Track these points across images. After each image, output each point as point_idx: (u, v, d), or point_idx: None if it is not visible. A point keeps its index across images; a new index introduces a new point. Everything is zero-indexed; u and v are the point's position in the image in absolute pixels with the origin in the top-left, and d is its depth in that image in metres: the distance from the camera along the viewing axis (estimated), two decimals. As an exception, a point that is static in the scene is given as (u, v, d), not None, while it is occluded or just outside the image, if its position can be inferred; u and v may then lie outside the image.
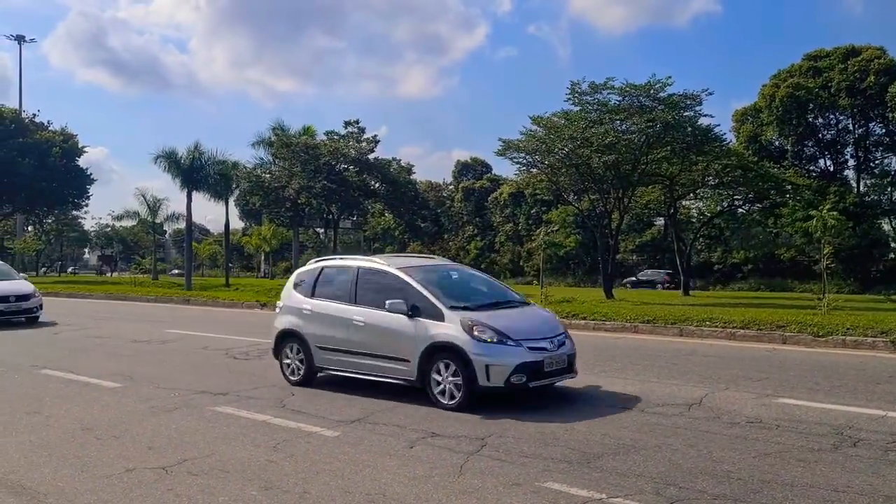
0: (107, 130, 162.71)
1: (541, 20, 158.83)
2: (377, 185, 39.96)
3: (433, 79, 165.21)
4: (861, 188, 47.51)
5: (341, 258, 9.45)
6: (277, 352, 8.63)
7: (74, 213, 66.03)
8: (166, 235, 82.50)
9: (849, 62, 44.78)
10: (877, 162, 47.59)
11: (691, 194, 38.73)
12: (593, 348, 11.09)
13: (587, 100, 28.45)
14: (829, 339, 11.35)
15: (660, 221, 52.75)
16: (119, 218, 53.11)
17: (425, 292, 7.37)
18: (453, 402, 6.93)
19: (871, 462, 5.09)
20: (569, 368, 7.44)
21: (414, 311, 7.28)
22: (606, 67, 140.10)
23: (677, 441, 5.68)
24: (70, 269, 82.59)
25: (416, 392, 7.41)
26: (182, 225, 44.28)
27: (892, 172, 46.99)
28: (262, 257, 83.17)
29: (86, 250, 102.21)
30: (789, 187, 36.80)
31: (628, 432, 5.99)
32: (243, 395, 7.81)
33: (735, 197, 38.67)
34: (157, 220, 46.53)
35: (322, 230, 72.43)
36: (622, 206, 31.13)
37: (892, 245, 46.31)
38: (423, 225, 48.05)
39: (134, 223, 59.68)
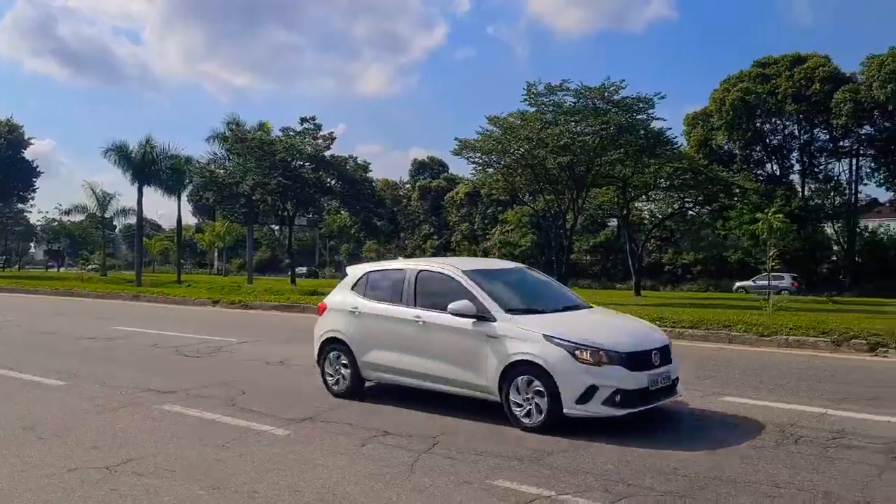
0: (55, 122, 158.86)
1: (499, 21, 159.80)
2: (333, 182, 39.61)
3: (392, 77, 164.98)
4: (806, 192, 48.93)
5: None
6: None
7: (20, 206, 64.20)
8: (116, 231, 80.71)
9: (795, 69, 46.09)
10: (821, 167, 49.10)
11: (643, 196, 39.44)
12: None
13: (543, 101, 28.75)
14: (773, 339, 11.63)
15: (613, 222, 53.57)
16: (67, 212, 51.80)
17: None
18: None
19: (811, 459, 5.23)
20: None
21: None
22: (564, 69, 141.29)
23: (627, 439, 5.76)
24: (16, 265, 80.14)
25: (369, 388, 7.37)
26: (133, 220, 43.39)
27: (835, 178, 48.50)
28: (216, 254, 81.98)
29: (32, 245, 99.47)
30: (737, 191, 37.73)
31: (576, 430, 6.06)
32: (192, 393, 7.69)
33: (685, 199, 39.49)
34: (107, 215, 45.50)
35: (277, 227, 71.69)
36: (576, 207, 31.52)
37: (835, 248, 47.77)
38: (379, 223, 47.83)
39: (82, 218, 58.27)
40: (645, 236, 44.98)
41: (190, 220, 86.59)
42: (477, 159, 32.16)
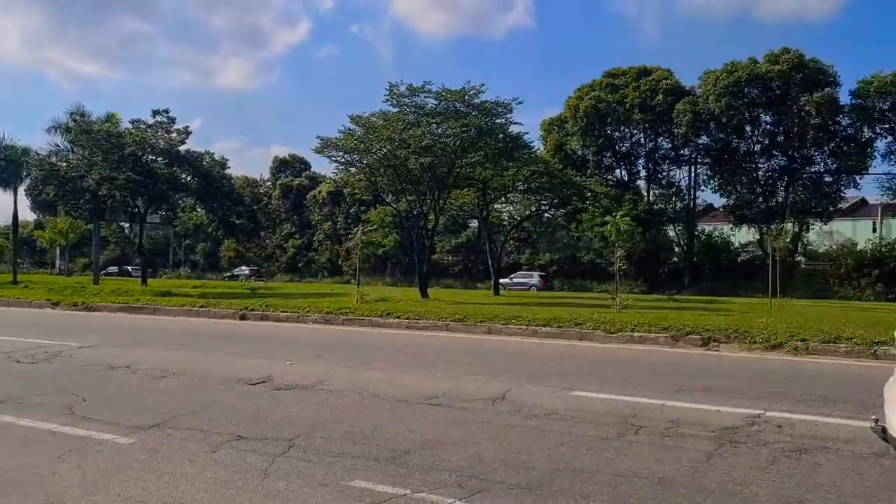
0: None
1: (364, 20, 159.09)
2: (189, 178, 38.00)
3: (253, 72, 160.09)
4: (651, 197, 52.05)
5: None
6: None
7: None
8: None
9: (641, 81, 48.92)
10: (664, 174, 52.41)
11: (503, 198, 40.58)
12: (407, 347, 11.29)
13: (405, 102, 28.91)
14: (619, 335, 12.33)
15: (474, 223, 54.73)
16: None
17: None
18: None
19: (649, 448, 5.58)
20: None
21: None
22: (428, 71, 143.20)
23: (481, 435, 5.91)
24: None
25: (223, 391, 7.13)
26: (-41, 215, 39.70)
27: (676, 184, 51.97)
28: (58, 252, 76.39)
29: None
30: (589, 194, 39.58)
31: (434, 428, 6.15)
32: (26, 401, 7.13)
33: (542, 202, 41.02)
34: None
35: (127, 224, 67.83)
36: (438, 208, 31.93)
37: (676, 250, 51.13)
38: (238, 222, 46.37)
39: None
40: (504, 237, 46.30)
41: (28, 216, 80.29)
42: (339, 158, 31.89)
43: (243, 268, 66.22)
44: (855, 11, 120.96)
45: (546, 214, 45.65)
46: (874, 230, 50.78)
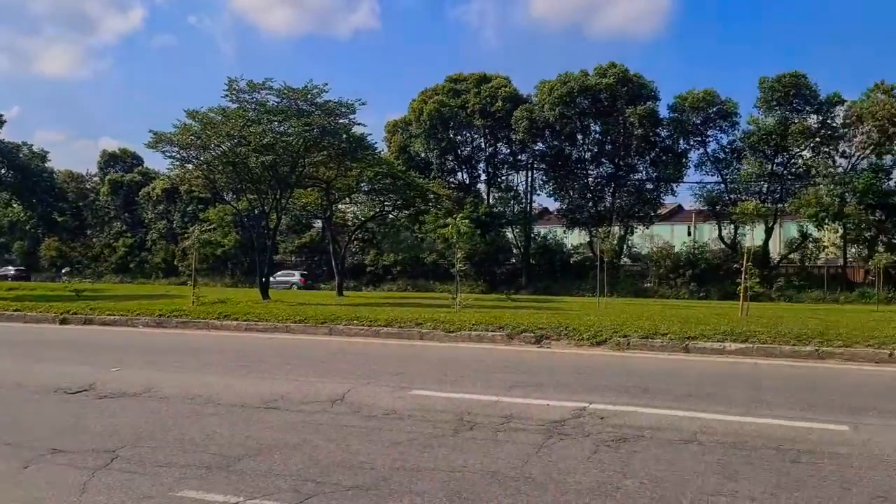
0: None
1: (201, 11, 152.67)
2: (3, 171, 34.79)
3: (80, 59, 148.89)
4: (490, 200, 53.73)
5: None
6: None
7: None
8: None
9: (482, 87, 50.45)
10: (503, 178, 54.29)
11: (347, 199, 40.38)
12: (245, 350, 10.97)
13: (245, 98, 28.09)
14: (458, 335, 12.65)
15: (318, 224, 54.05)
16: None
17: None
18: None
19: (483, 443, 5.77)
20: None
21: None
22: (272, 68, 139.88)
23: (318, 437, 5.86)
24: None
25: (38, 402, 6.60)
26: None
27: (514, 188, 53.99)
28: None
29: None
30: (432, 196, 40.24)
31: (271, 432, 6.03)
32: None
33: (386, 203, 41.23)
34: None
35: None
36: (280, 207, 31.24)
37: (514, 251, 53.10)
38: (60, 219, 42.89)
39: None
40: (348, 237, 46.08)
41: None
42: (174, 154, 30.36)
43: (9, 267, 61.30)
44: (673, 33, 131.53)
45: (390, 215, 45.93)
46: (689, 234, 55.34)
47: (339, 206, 42.99)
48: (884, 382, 8.99)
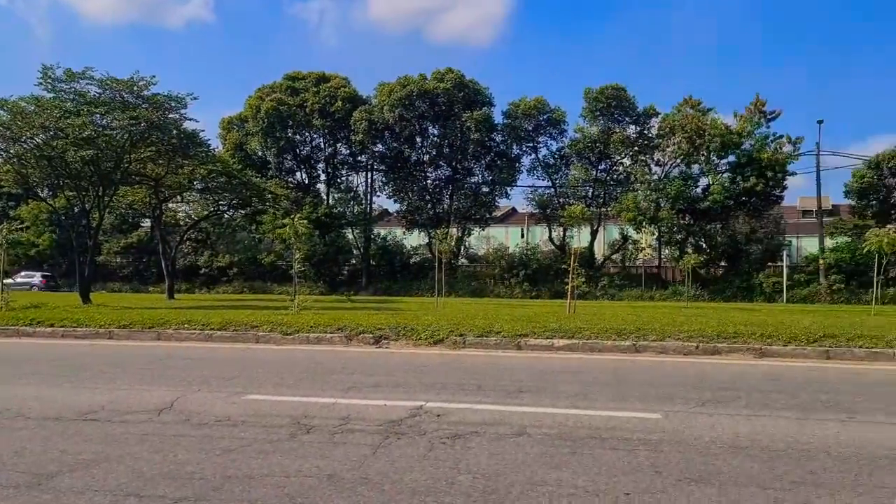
0: None
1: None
2: None
3: None
4: (330, 201, 53.27)
5: None
6: None
7: None
8: None
9: (321, 87, 49.95)
10: (342, 178, 54.02)
11: (178, 197, 38.46)
12: (61, 358, 10.17)
13: (62, 87, 26.06)
14: (295, 337, 12.44)
15: (147, 223, 51.13)
16: None
17: None
18: None
19: (320, 446, 5.71)
20: None
21: None
22: (94, 57, 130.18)
23: (143, 449, 5.56)
24: None
25: None
26: None
27: (354, 189, 53.89)
28: None
29: None
30: (270, 196, 39.28)
31: (90, 445, 5.64)
32: None
33: (220, 202, 39.70)
34: None
35: None
36: (103, 205, 29.26)
37: (355, 252, 52.94)
38: None
39: None
40: (180, 238, 43.91)
41: None
42: (-22, 146, 27.60)
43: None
44: (509, 42, 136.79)
45: (226, 215, 44.30)
46: (522, 235, 57.78)
47: (170, 205, 40.86)
48: (691, 372, 9.84)
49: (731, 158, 44.21)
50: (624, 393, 8.00)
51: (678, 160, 45.84)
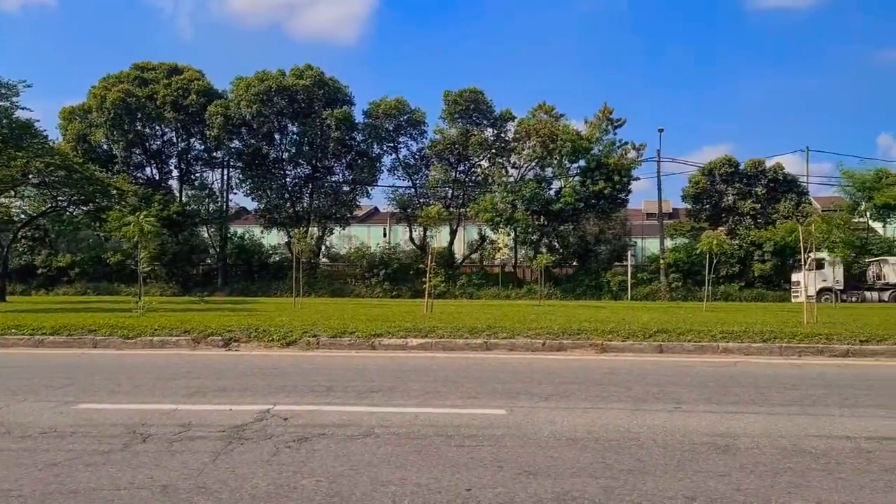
0: None
1: None
2: None
3: None
4: (183, 198, 51.03)
5: None
6: None
7: None
8: None
9: (173, 79, 47.78)
10: (196, 175, 51.91)
11: (11, 191, 35.51)
12: None
13: None
14: (138, 341, 11.81)
15: (-28, 219, 46.82)
16: None
17: None
18: None
19: (156, 455, 5.45)
20: None
21: None
22: None
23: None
24: None
25: None
26: None
27: (209, 186, 51.93)
28: None
29: None
30: (115, 192, 37.11)
31: None
32: None
33: (59, 198, 37.05)
34: None
35: None
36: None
37: (210, 251, 51.02)
38: None
39: None
40: (13, 235, 40.49)
41: None
42: None
43: None
44: (370, 42, 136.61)
45: (66, 212, 41.33)
46: (384, 235, 57.88)
47: (2, 200, 37.62)
48: (537, 368, 10.22)
49: (582, 163, 46.38)
50: (473, 390, 8.19)
51: (533, 163, 47.53)
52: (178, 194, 51.14)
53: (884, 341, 12.20)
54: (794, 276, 39.92)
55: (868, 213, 45.13)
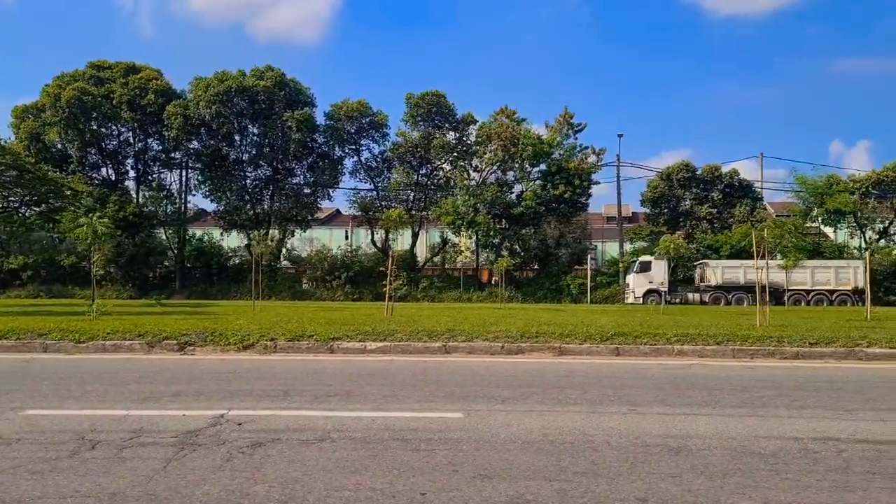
0: None
1: None
2: None
3: None
4: (141, 199, 50.09)
5: None
6: None
7: None
8: None
9: (130, 78, 46.90)
10: (154, 176, 50.98)
11: (-42, 191, 34.54)
12: None
13: None
14: (90, 345, 11.57)
15: (-82, 220, 45.38)
16: None
17: None
18: None
19: (105, 463, 5.34)
20: None
21: None
22: None
23: None
24: None
25: None
26: None
27: (167, 187, 51.05)
28: None
29: None
30: (69, 192, 36.31)
31: None
32: None
33: (11, 198, 36.17)
34: None
35: None
36: None
37: (168, 253, 50.12)
38: None
39: None
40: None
41: None
42: None
43: None
44: (333, 44, 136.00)
45: (19, 213, 40.28)
46: (346, 238, 57.57)
47: (-52, 200, 36.56)
48: (495, 371, 10.26)
49: (543, 167, 46.69)
50: (431, 394, 8.18)
51: (494, 167, 47.71)
52: (134, 195, 50.17)
53: (831, 344, 12.52)
54: (626, 279, 41.52)
55: (820, 219, 46.26)
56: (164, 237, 50.09)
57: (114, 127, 48.71)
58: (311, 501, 4.50)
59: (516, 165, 46.38)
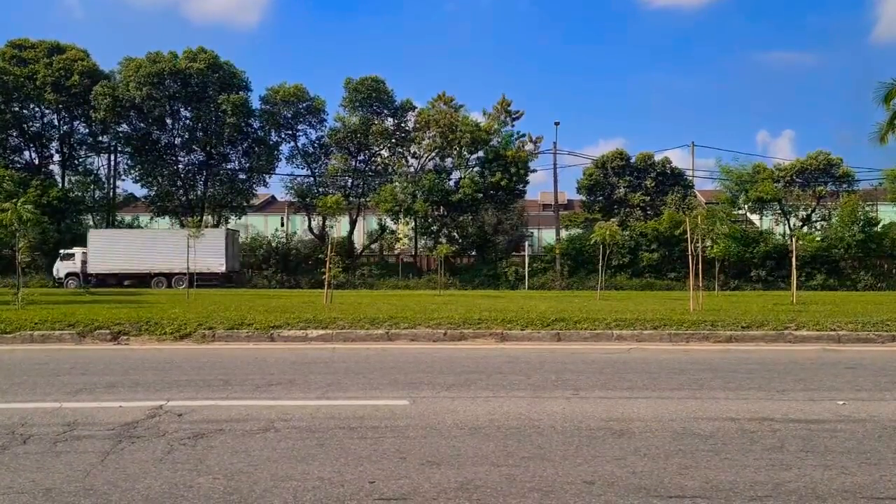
0: None
1: None
2: None
3: None
4: (66, 184, 48.20)
5: None
6: None
7: None
8: None
9: (54, 58, 44.96)
10: (80, 160, 49.10)
11: None
12: None
13: None
14: (17, 335, 11.12)
15: None
16: None
17: None
18: None
19: (38, 457, 5.14)
20: None
21: None
22: None
23: None
24: None
25: None
26: None
27: (95, 171, 49.25)
28: None
29: None
30: (-10, 177, 34.74)
31: None
32: None
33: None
34: None
35: None
36: None
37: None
38: None
39: None
40: None
41: None
42: None
43: None
44: (271, 28, 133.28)
45: (-69, 198, 38.36)
46: (282, 224, 56.70)
47: None
48: (439, 358, 10.27)
49: (480, 154, 46.80)
50: (375, 381, 8.14)
51: (433, 154, 47.63)
52: (59, 180, 48.20)
53: (762, 327, 12.96)
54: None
55: (746, 206, 47.75)
56: (91, 224, 48.35)
57: (36, 108, 46.69)
58: (257, 492, 4.42)
59: (454, 152, 46.37)
